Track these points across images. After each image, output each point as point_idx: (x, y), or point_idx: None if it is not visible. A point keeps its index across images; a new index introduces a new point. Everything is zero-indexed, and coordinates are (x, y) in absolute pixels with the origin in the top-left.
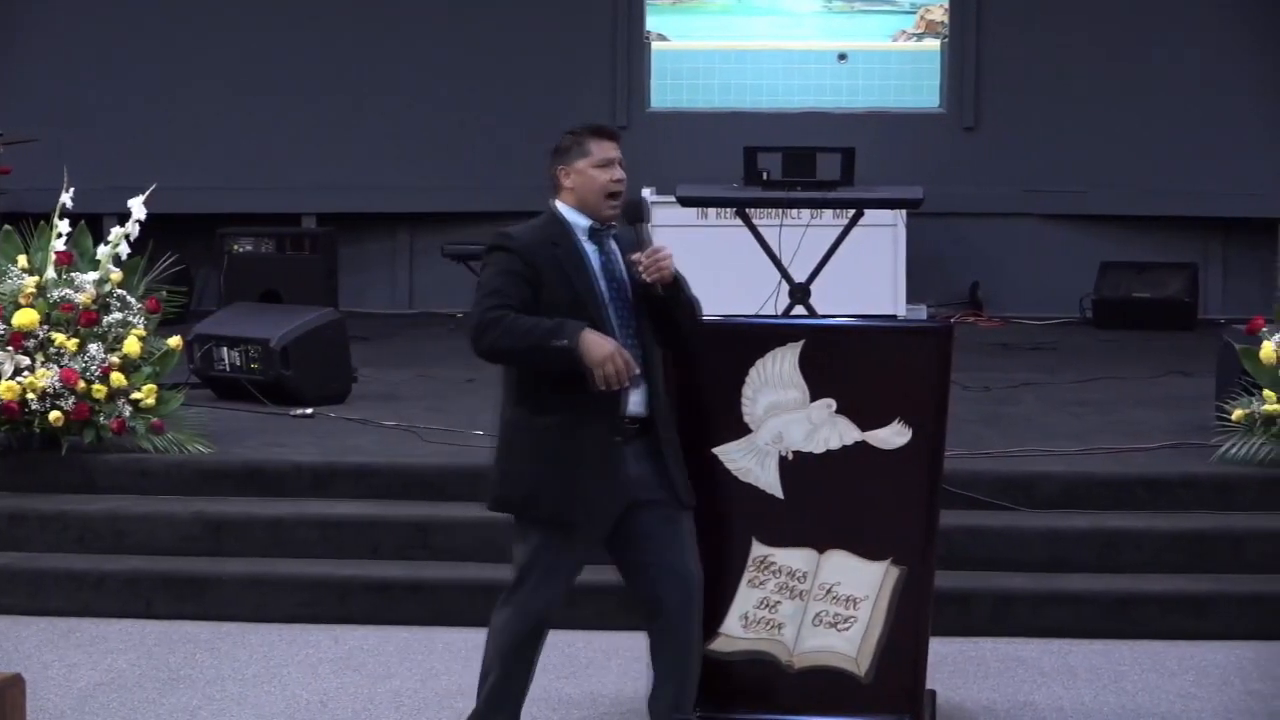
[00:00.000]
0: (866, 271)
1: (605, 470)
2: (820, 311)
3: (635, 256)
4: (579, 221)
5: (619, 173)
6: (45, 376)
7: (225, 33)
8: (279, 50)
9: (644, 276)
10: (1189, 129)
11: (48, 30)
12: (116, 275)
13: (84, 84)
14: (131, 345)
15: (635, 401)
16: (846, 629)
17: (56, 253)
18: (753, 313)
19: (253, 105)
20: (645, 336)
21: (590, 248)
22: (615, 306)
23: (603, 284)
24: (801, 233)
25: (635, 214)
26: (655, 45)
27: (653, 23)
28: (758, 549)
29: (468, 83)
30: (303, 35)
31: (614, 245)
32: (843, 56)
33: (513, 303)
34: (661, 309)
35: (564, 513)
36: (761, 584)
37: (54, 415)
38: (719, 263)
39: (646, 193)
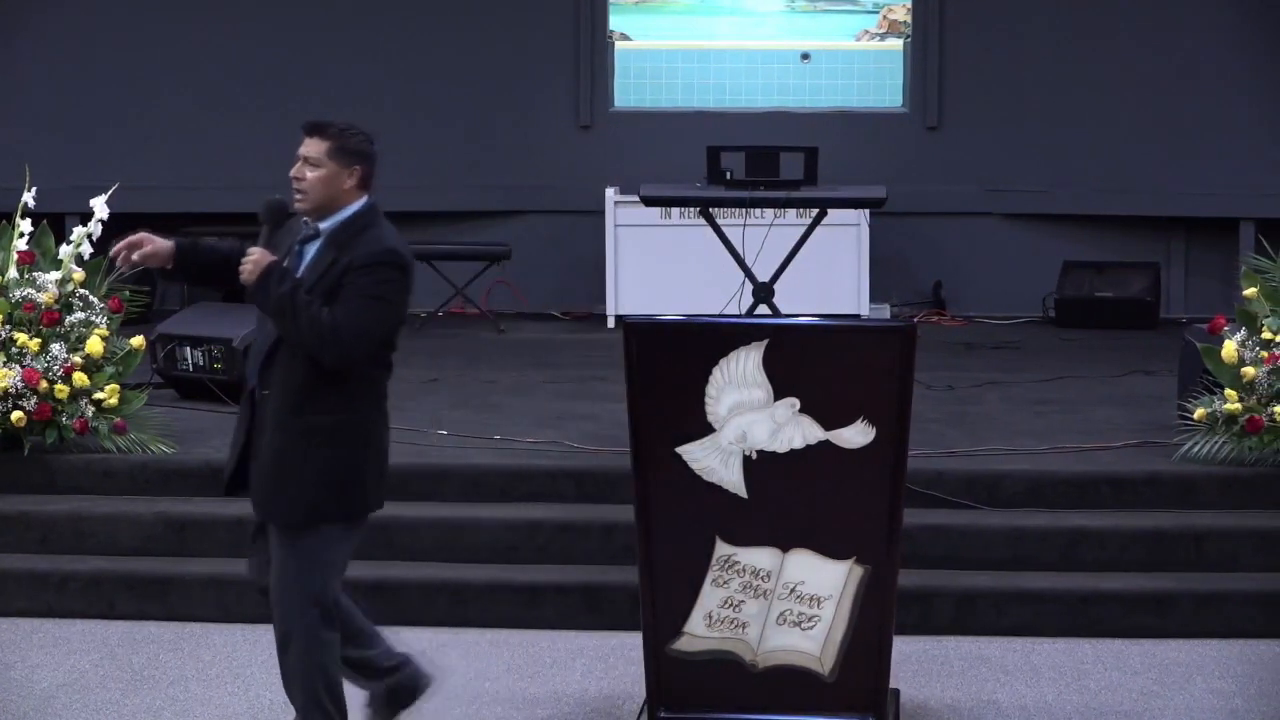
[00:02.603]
0: (830, 271)
1: (236, 443)
2: (784, 311)
3: None
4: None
5: (296, 171)
6: (7, 376)
7: (188, 32)
8: (242, 49)
9: None
10: (1152, 129)
11: (8, 30)
12: (79, 275)
13: (46, 82)
14: (94, 345)
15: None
16: (810, 628)
17: (18, 252)
18: (716, 312)
19: (215, 104)
20: (276, 336)
21: (300, 246)
22: None
23: None
24: (765, 232)
25: (264, 214)
26: (618, 45)
27: (616, 22)
28: (721, 548)
29: (430, 82)
30: (265, 34)
31: (314, 244)
32: (806, 56)
33: (242, 245)
34: None
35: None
36: (725, 583)
37: (16, 415)
38: (682, 262)
39: (610, 192)
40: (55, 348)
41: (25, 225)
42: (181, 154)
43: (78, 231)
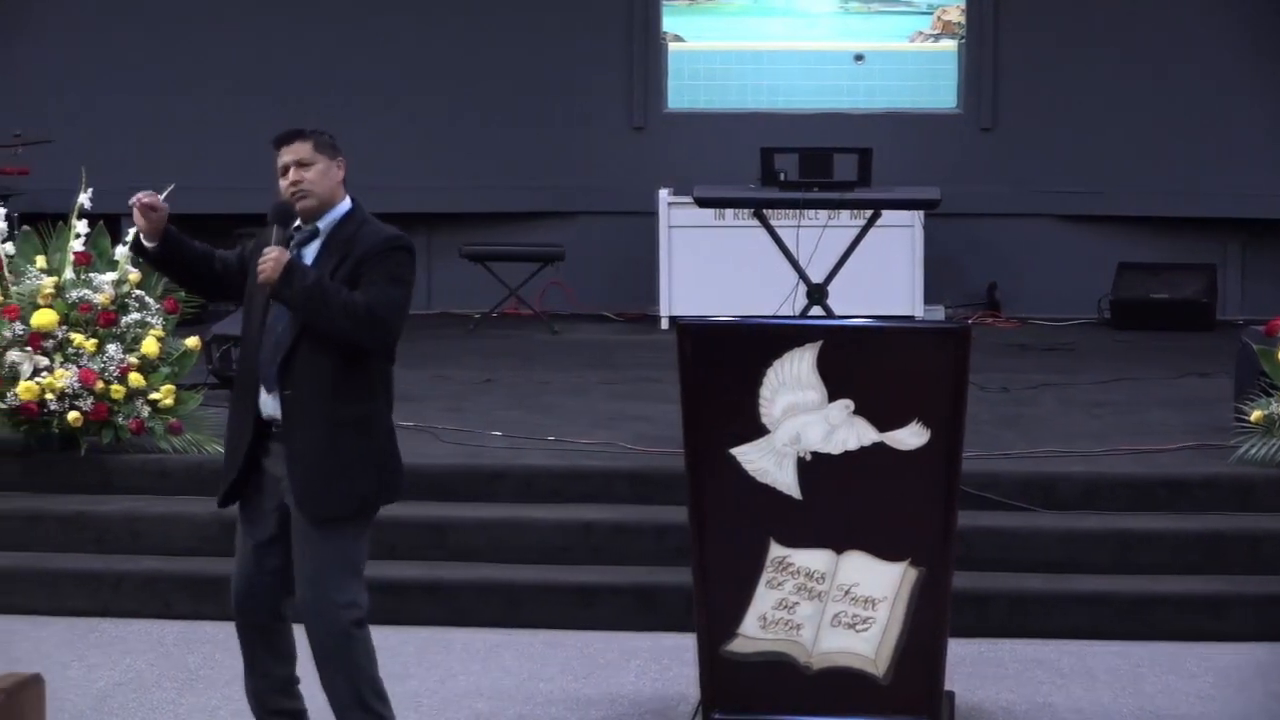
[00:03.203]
0: (884, 272)
1: (232, 463)
2: (837, 312)
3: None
4: (297, 221)
5: (293, 175)
6: (64, 377)
7: (243, 32)
8: (297, 50)
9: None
10: (1208, 129)
11: (65, 31)
12: (134, 276)
13: (102, 84)
14: (149, 346)
15: (269, 405)
16: (865, 630)
17: (75, 253)
18: (770, 313)
19: (271, 105)
20: (293, 342)
21: (297, 251)
22: (277, 309)
23: None
24: (819, 233)
25: (273, 216)
26: (672, 46)
27: (669, 23)
28: (775, 550)
29: (484, 83)
30: (321, 35)
31: (315, 244)
32: (859, 57)
33: (227, 252)
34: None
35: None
36: (779, 585)
37: (72, 416)
38: (736, 263)
39: (663, 193)
40: (111, 348)
41: (81, 226)
42: (236, 154)
43: (133, 232)
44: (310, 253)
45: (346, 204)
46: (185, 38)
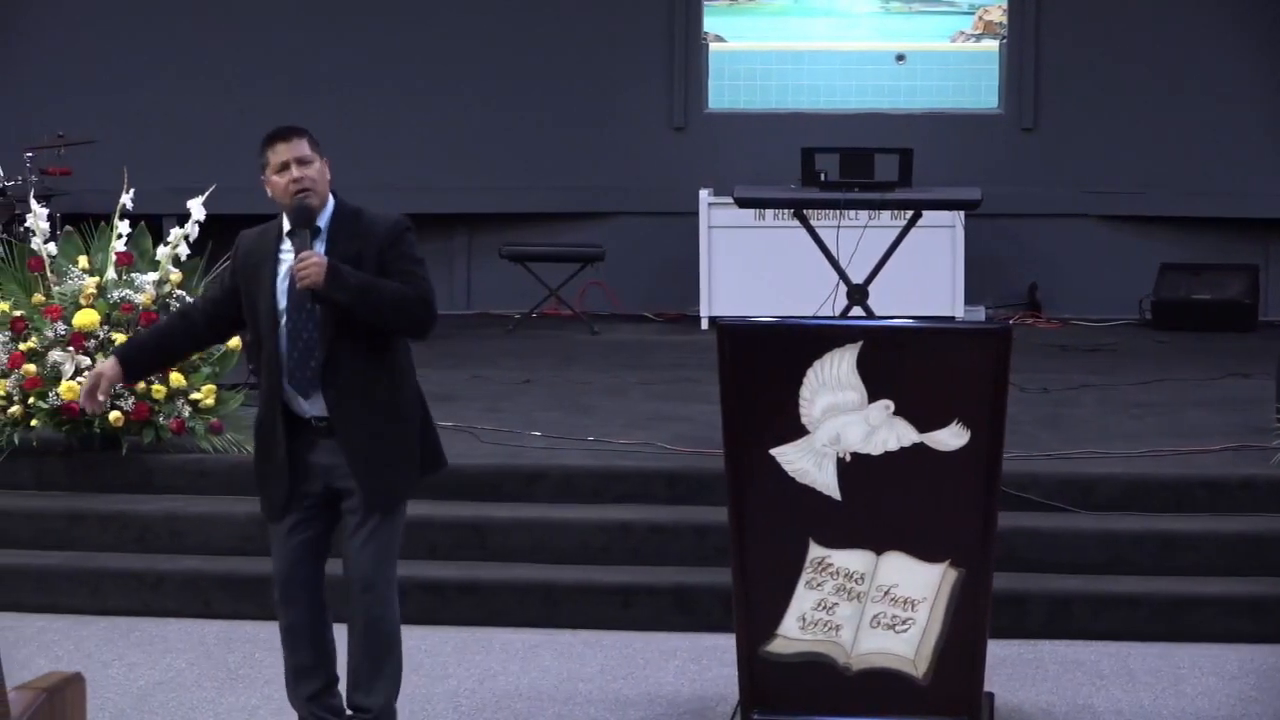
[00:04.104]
0: (924, 272)
1: (279, 471)
2: (878, 313)
3: (292, 263)
4: (286, 226)
5: (295, 172)
6: None
7: (283, 33)
8: (337, 50)
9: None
10: (1250, 130)
11: (109, 32)
12: (176, 276)
13: (144, 85)
14: None
15: (316, 405)
16: (904, 631)
17: (117, 253)
18: (810, 314)
19: (310, 105)
20: (330, 342)
21: (287, 253)
22: (293, 313)
23: (282, 289)
24: (859, 234)
25: (297, 219)
26: (713, 46)
27: (710, 24)
28: (815, 550)
29: (524, 84)
30: (360, 35)
31: (318, 245)
32: (901, 57)
33: (207, 294)
34: (345, 309)
35: (262, 505)
36: (819, 585)
37: (113, 415)
38: (776, 264)
39: (703, 194)
40: None
41: (123, 227)
42: None
43: (175, 233)
44: (316, 250)
45: (334, 197)
46: (228, 37)
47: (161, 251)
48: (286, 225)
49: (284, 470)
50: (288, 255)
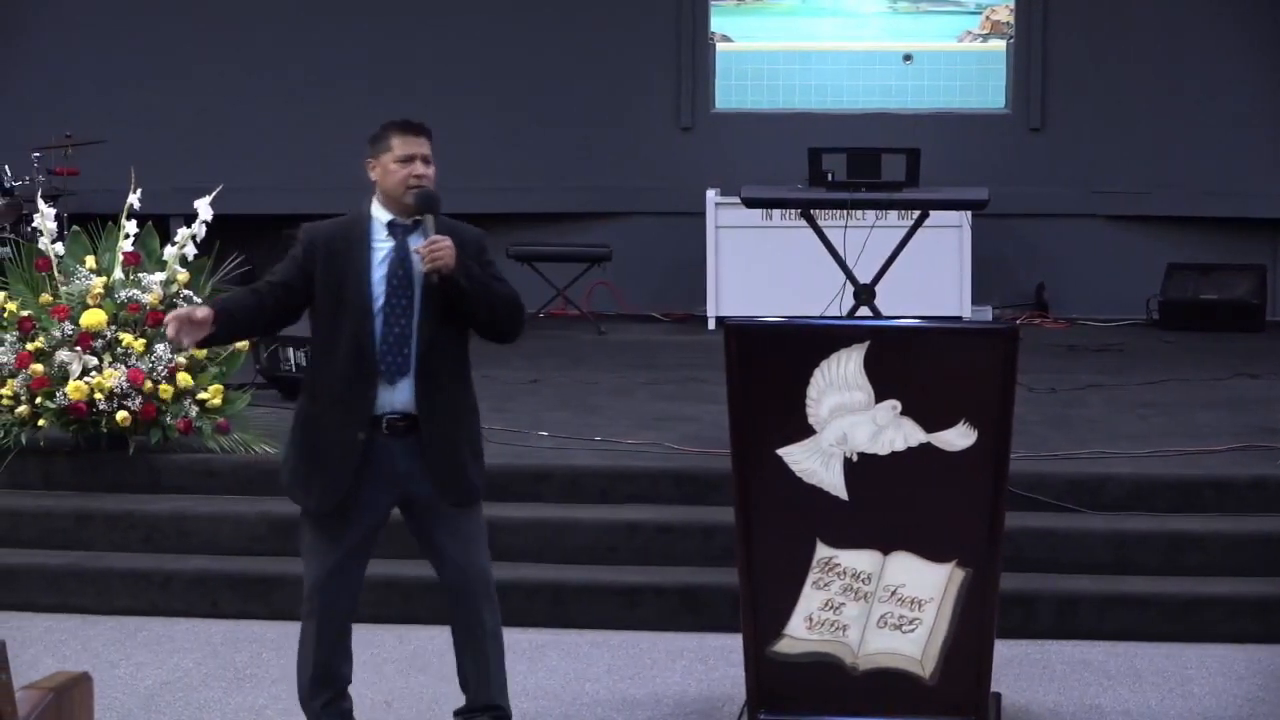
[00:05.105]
0: (932, 273)
1: (343, 463)
2: (885, 313)
3: (416, 247)
4: (381, 216)
5: (419, 168)
6: (112, 377)
7: (291, 33)
8: (344, 50)
9: (422, 266)
10: (1256, 130)
11: (116, 32)
12: (183, 276)
13: (152, 85)
14: None
15: (400, 399)
16: (911, 631)
17: (124, 253)
18: (817, 314)
19: (319, 105)
20: (427, 332)
21: (383, 242)
22: (391, 300)
23: (378, 276)
24: (866, 234)
25: (424, 205)
26: (720, 46)
27: (717, 24)
28: (822, 550)
29: (531, 84)
30: (368, 36)
31: (417, 238)
32: (908, 57)
33: (273, 278)
34: (454, 302)
35: (306, 501)
36: (826, 585)
37: (121, 415)
38: (784, 264)
39: (710, 194)
40: (160, 348)
41: (131, 227)
42: (284, 155)
43: (182, 233)
44: (414, 244)
45: None
46: (234, 39)
47: (169, 251)
48: (384, 216)
49: (351, 464)
50: (383, 245)
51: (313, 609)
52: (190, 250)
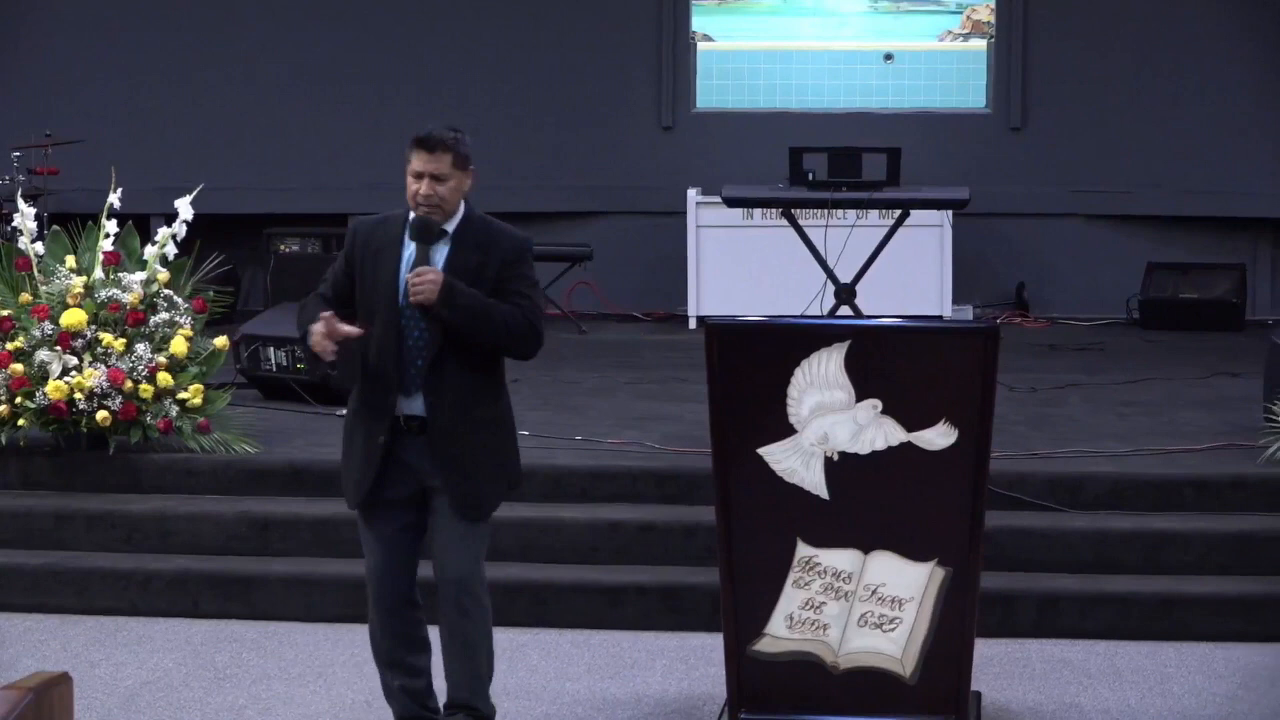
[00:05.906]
0: (912, 272)
1: (368, 462)
2: (866, 312)
3: (406, 275)
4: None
5: (424, 187)
6: (93, 376)
7: (271, 33)
8: (325, 51)
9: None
10: (1236, 129)
11: (95, 31)
12: (164, 275)
13: (132, 84)
14: (178, 345)
15: (415, 405)
16: (892, 630)
17: (104, 253)
18: (798, 313)
19: (299, 106)
20: (437, 345)
21: (412, 244)
22: (409, 306)
23: (404, 280)
24: (847, 233)
25: (416, 233)
26: (701, 45)
27: (698, 23)
28: (803, 550)
29: (512, 84)
30: (349, 36)
31: (443, 247)
32: (889, 57)
33: (329, 280)
34: (447, 329)
35: (346, 497)
36: (806, 585)
37: (101, 415)
38: (764, 263)
39: (691, 193)
40: (140, 348)
41: (111, 226)
42: (265, 155)
43: (163, 232)
44: (440, 254)
45: (462, 206)
46: (215, 37)
47: (149, 251)
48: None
49: (375, 463)
50: (410, 249)
51: (370, 599)
52: (171, 250)
